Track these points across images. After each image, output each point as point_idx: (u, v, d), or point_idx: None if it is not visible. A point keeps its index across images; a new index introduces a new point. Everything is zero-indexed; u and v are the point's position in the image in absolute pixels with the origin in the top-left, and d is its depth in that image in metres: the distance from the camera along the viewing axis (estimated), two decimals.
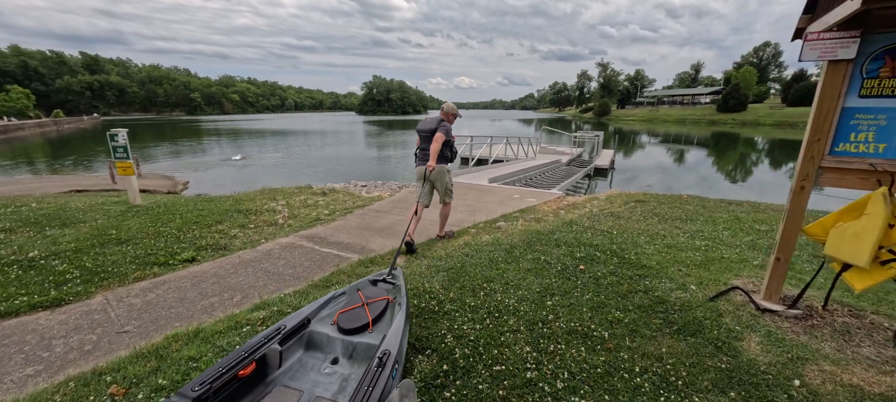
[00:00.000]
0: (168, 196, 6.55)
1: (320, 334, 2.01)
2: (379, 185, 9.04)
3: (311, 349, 2.00)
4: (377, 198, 6.93)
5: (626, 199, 6.65)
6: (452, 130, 4.25)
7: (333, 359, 1.95)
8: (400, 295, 2.29)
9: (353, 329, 2.00)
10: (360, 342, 1.95)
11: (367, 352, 1.92)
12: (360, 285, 2.43)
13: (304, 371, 1.87)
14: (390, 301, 2.25)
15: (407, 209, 5.96)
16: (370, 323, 2.04)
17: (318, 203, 6.32)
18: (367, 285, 2.41)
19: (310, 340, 2.01)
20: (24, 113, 64.04)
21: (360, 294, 2.27)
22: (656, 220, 5.09)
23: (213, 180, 14.71)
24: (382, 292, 2.33)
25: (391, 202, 6.44)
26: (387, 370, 1.56)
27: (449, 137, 4.17)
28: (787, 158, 22.32)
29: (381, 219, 5.36)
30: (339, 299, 2.29)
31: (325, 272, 3.56)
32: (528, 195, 7.24)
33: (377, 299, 2.22)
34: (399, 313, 2.04)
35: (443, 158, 4.24)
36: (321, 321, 2.09)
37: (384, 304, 2.20)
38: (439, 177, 4.25)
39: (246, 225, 5.01)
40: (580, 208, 6.30)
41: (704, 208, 5.80)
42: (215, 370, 1.53)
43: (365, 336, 1.98)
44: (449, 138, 4.18)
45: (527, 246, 3.98)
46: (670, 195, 7.06)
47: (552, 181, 11.34)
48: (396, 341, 1.77)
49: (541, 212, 5.91)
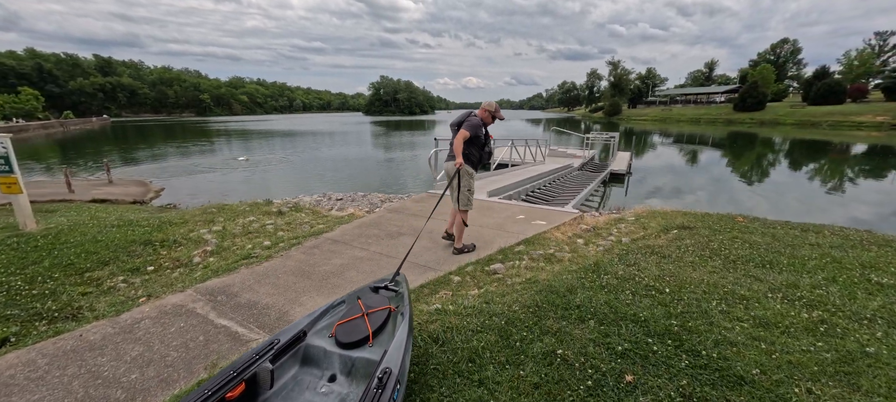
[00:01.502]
0: (75, 219, 5.20)
1: (317, 348, 1.88)
2: (359, 197, 7.63)
3: (306, 365, 1.86)
4: (346, 219, 5.52)
5: (664, 222, 5.13)
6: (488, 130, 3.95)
7: (331, 376, 1.81)
8: (403, 304, 2.15)
9: (352, 343, 1.85)
10: (359, 357, 1.81)
11: (366, 369, 1.78)
12: (361, 292, 2.28)
13: (298, 391, 1.74)
14: (393, 311, 2.10)
15: (376, 239, 4.53)
16: (370, 336, 1.89)
17: (265, 228, 4.93)
18: (367, 293, 2.26)
19: (305, 355, 1.88)
20: (33, 115, 64.46)
21: (361, 303, 2.12)
22: (720, 262, 3.57)
23: (193, 187, 13.44)
24: (384, 300, 2.17)
25: (360, 227, 5.01)
26: (387, 392, 1.45)
27: (476, 134, 3.83)
28: (815, 158, 20.40)
29: (332, 257, 3.93)
30: (338, 308, 2.16)
31: (192, 378, 2.15)
32: (535, 215, 5.75)
33: (378, 309, 2.07)
34: (402, 324, 1.90)
35: (467, 159, 3.88)
36: (318, 334, 1.96)
37: (386, 314, 2.05)
38: (460, 177, 3.91)
39: (142, 268, 3.63)
40: (604, 235, 4.80)
41: (775, 239, 4.26)
42: (200, 393, 1.42)
43: (365, 351, 1.83)
44: (476, 135, 3.83)
45: (533, 320, 2.51)
46: (719, 216, 5.51)
47: (564, 192, 9.82)
48: (398, 357, 1.64)
49: (552, 243, 4.43)
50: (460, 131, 3.79)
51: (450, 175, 4.04)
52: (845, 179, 15.52)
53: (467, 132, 3.78)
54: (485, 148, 4.04)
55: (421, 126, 63.32)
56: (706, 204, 11.14)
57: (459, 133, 3.79)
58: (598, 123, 68.11)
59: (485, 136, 4.02)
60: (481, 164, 4.14)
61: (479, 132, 3.89)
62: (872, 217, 9.71)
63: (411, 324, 2.01)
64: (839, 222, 8.79)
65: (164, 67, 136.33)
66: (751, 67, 77.11)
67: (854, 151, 24.73)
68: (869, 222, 9.22)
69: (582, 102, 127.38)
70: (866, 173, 16.74)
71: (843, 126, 44.66)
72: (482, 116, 3.97)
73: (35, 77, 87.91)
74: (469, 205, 4.08)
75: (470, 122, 3.84)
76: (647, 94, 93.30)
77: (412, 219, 5.38)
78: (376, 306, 2.09)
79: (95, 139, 36.08)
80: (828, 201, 11.33)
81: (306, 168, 17.13)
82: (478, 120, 3.91)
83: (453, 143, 3.83)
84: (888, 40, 64.19)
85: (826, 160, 20.82)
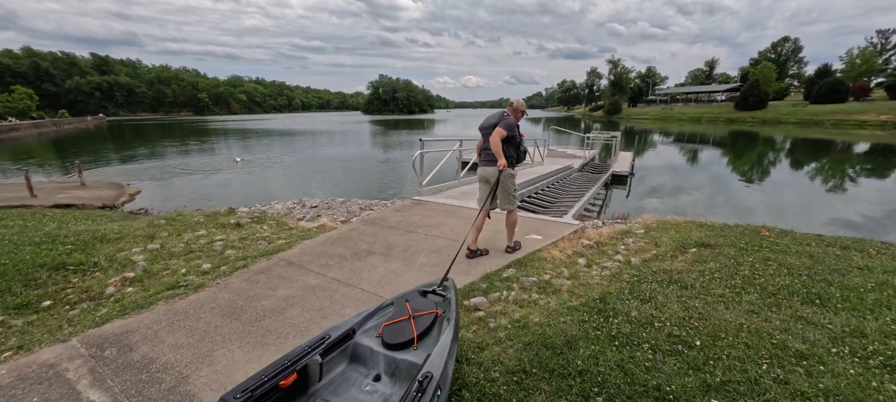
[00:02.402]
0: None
1: (364, 347, 1.93)
2: (337, 204, 6.90)
3: (354, 363, 1.91)
4: (313, 232, 4.80)
5: (677, 236, 4.41)
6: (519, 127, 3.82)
7: (376, 375, 1.84)
8: (450, 309, 2.11)
9: (398, 345, 1.88)
10: (403, 359, 1.82)
11: (409, 371, 1.79)
12: (409, 295, 2.29)
13: (345, 386, 1.79)
14: (439, 316, 2.09)
15: (338, 261, 3.81)
16: (415, 339, 1.90)
17: (212, 246, 4.21)
18: (415, 297, 2.26)
19: (354, 352, 1.94)
20: (27, 113, 63.77)
21: (408, 306, 2.14)
22: (756, 295, 2.86)
23: (173, 190, 12.70)
24: (431, 304, 2.16)
25: (324, 243, 4.30)
26: (427, 397, 1.42)
27: (512, 133, 3.73)
28: (822, 158, 19.67)
29: (279, 286, 3.20)
30: (387, 310, 2.18)
31: None
32: (529, 227, 5.03)
33: (425, 313, 2.07)
34: (447, 329, 1.88)
35: (506, 159, 3.74)
36: (366, 333, 2.01)
37: (432, 318, 2.04)
38: (502, 180, 3.81)
39: (34, 303, 2.91)
40: (610, 252, 4.09)
41: (815, 261, 3.55)
42: (257, 378, 1.52)
43: (409, 354, 1.85)
44: (512, 135, 3.74)
45: (516, 397, 1.81)
46: (741, 228, 4.80)
47: (564, 197, 9.10)
48: (440, 363, 1.62)
49: (548, 264, 3.72)
50: (497, 130, 3.62)
51: (489, 179, 3.93)
52: (857, 180, 14.81)
53: (505, 131, 3.63)
54: (520, 147, 3.93)
55: (420, 125, 62.56)
56: (714, 207, 10.43)
57: (496, 132, 3.62)
58: (598, 122, 67.34)
59: (519, 135, 3.89)
60: (518, 162, 3.99)
61: (515, 131, 3.77)
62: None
63: (457, 330, 2.03)
64: (864, 230, 8.14)
65: (162, 66, 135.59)
66: (752, 65, 76.43)
67: (861, 150, 24.01)
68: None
69: (582, 101, 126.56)
70: (879, 174, 16.02)
71: (846, 125, 44.01)
72: (513, 114, 3.85)
73: (31, 76, 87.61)
74: (514, 204, 4.03)
75: (506, 121, 3.70)
76: (648, 92, 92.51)
77: (388, 232, 4.67)
78: (423, 309, 2.10)
79: (87, 139, 35.30)
80: (844, 204, 10.63)
81: (296, 169, 16.36)
82: (513, 119, 3.78)
83: (490, 144, 3.69)
84: (890, 38, 63.59)
85: (834, 160, 20.09)
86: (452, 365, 1.83)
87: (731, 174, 16.63)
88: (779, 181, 14.60)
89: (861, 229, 8.34)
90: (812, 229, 8.26)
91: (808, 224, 8.49)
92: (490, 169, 3.92)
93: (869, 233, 7.88)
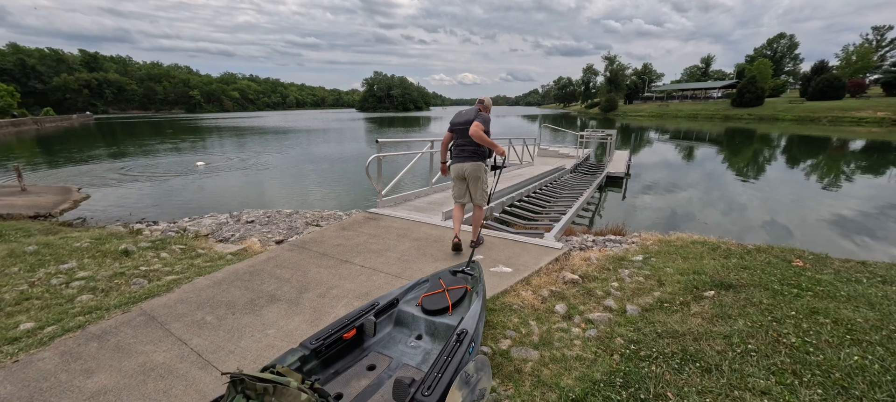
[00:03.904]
0: None
1: (406, 313, 2.25)
2: (282, 216, 5.83)
3: (398, 325, 2.24)
4: (226, 260, 3.76)
5: (686, 267, 3.40)
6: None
7: (418, 335, 2.16)
8: (478, 285, 2.43)
9: (436, 311, 2.21)
10: (441, 322, 2.14)
11: (446, 331, 2.10)
12: (442, 274, 2.63)
13: (393, 343, 2.12)
14: (468, 290, 2.41)
15: (224, 313, 2.76)
16: (450, 306, 2.23)
17: (69, 286, 3.15)
18: (447, 275, 2.61)
19: (398, 317, 2.25)
20: (8, 111, 62.00)
21: (442, 282, 2.46)
22: (818, 389, 1.86)
23: (125, 195, 11.53)
24: (462, 281, 2.51)
25: (221, 282, 3.25)
26: (464, 346, 1.73)
27: (488, 128, 3.70)
28: (821, 155, 18.75)
29: (103, 367, 2.14)
30: (423, 285, 2.50)
31: None
32: (499, 252, 4.00)
33: (457, 287, 2.40)
34: (476, 300, 2.19)
35: (481, 156, 3.86)
36: (408, 303, 2.32)
37: (463, 291, 2.38)
38: (476, 175, 3.86)
39: None
40: (598, 293, 3.08)
41: (876, 312, 2.55)
42: (327, 330, 1.88)
43: (445, 318, 2.17)
44: (487, 130, 3.70)
45: None
46: (765, 254, 3.79)
47: (552, 205, 8.08)
48: (473, 323, 1.92)
49: (514, 316, 2.69)
50: (476, 124, 3.60)
51: (465, 175, 3.91)
52: (862, 179, 13.89)
53: (483, 124, 3.63)
54: None
55: (415, 123, 61.37)
56: (718, 213, 9.45)
57: (476, 125, 3.59)
58: (594, 119, 66.40)
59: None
60: (490, 157, 3.98)
61: (489, 127, 3.77)
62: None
63: (484, 301, 2.35)
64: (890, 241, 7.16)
65: (153, 63, 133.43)
66: (748, 62, 75.82)
67: (859, 147, 23.19)
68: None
69: (578, 98, 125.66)
70: (881, 172, 15.13)
71: (843, 122, 43.48)
72: (484, 110, 3.86)
73: (18, 73, 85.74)
74: (486, 200, 4.00)
75: (482, 116, 3.72)
76: (644, 89, 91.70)
77: (314, 263, 3.63)
78: (455, 285, 2.44)
79: (66, 137, 33.87)
80: (858, 208, 9.67)
81: (262, 174, 15.07)
82: (487, 115, 3.80)
83: (467, 139, 3.74)
84: (886, 35, 63.26)
85: (834, 158, 19.19)
86: (483, 327, 2.21)
87: (732, 174, 15.67)
88: (783, 181, 13.65)
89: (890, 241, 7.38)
90: (835, 241, 7.32)
91: (829, 237, 7.52)
92: (467, 165, 3.87)
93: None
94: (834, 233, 7.88)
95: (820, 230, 8.04)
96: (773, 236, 7.62)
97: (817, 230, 8.04)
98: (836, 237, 7.57)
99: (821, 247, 6.66)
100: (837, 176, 15.14)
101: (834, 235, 7.77)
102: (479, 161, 3.85)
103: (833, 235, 7.77)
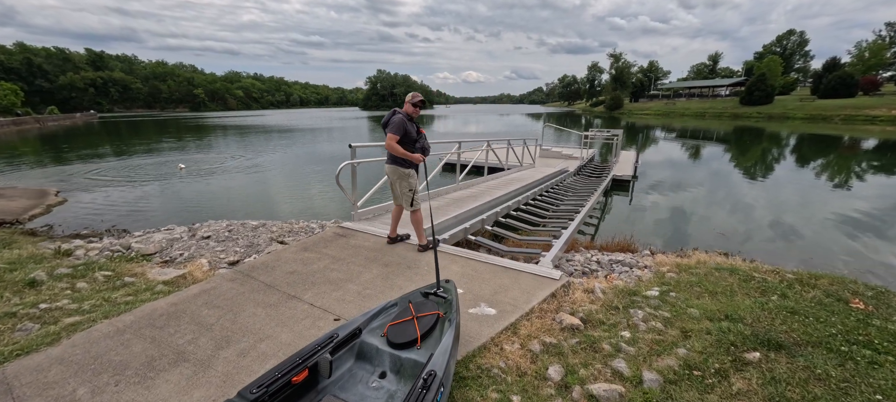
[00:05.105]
0: None
1: (370, 345, 1.99)
2: (246, 230, 5.16)
3: (361, 360, 1.98)
4: (153, 293, 3.10)
5: (716, 308, 2.69)
6: (407, 125, 3.62)
7: (381, 373, 1.92)
8: (451, 311, 2.22)
9: (402, 344, 1.96)
10: (407, 357, 1.90)
11: (413, 369, 1.87)
12: (412, 296, 2.39)
13: (353, 382, 1.87)
14: (440, 317, 2.18)
15: (123, 379, 2.10)
16: (418, 339, 1.98)
17: None
18: (418, 297, 2.37)
19: (360, 350, 2.00)
20: (11, 110, 62.16)
21: (411, 307, 2.20)
22: None
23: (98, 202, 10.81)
24: (433, 305, 2.26)
25: (115, 335, 2.57)
26: (431, 394, 1.54)
27: (401, 133, 3.58)
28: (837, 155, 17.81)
29: None
30: (391, 310, 2.26)
31: None
32: (483, 286, 3.30)
33: (427, 314, 2.15)
34: (449, 330, 1.99)
35: (398, 160, 3.74)
36: (372, 332, 2.07)
37: (434, 319, 2.12)
38: (397, 180, 3.83)
39: None
40: (605, 349, 2.37)
41: None
42: (271, 374, 1.61)
43: (412, 352, 1.93)
44: (405, 132, 3.59)
45: None
46: (812, 287, 3.07)
47: (552, 215, 7.36)
48: (443, 361, 1.72)
49: (499, 386, 2.01)
50: (388, 136, 3.60)
51: (390, 178, 3.91)
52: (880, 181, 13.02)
53: (396, 135, 3.58)
54: (416, 144, 3.76)
55: (419, 121, 60.54)
56: (737, 222, 8.67)
57: (388, 138, 3.60)
58: (599, 117, 65.35)
59: (416, 131, 3.76)
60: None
61: (407, 129, 3.63)
62: None
63: (458, 331, 2.10)
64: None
65: (159, 62, 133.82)
66: (756, 59, 74.35)
67: (877, 146, 22.17)
68: None
69: (583, 96, 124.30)
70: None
71: (857, 120, 42.30)
72: (407, 110, 3.73)
73: (24, 72, 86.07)
74: (418, 204, 3.90)
75: (393, 122, 3.63)
76: (650, 87, 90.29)
77: (254, 300, 2.94)
78: (426, 311, 2.17)
79: (65, 136, 33.51)
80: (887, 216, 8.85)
81: (247, 177, 14.30)
82: (400, 117, 3.65)
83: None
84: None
85: (852, 156, 18.25)
86: (454, 365, 1.98)
87: (745, 176, 14.82)
88: (800, 183, 12.80)
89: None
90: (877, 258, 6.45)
91: (867, 253, 6.70)
92: (388, 167, 3.85)
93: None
94: (869, 245, 7.08)
95: (854, 243, 7.23)
96: (802, 250, 6.83)
97: (851, 243, 7.24)
98: (875, 252, 6.77)
99: (865, 266, 5.92)
100: (859, 177, 14.26)
101: (870, 247, 6.97)
102: (398, 165, 3.76)
103: (869, 247, 6.97)
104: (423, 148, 3.80)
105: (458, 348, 2.14)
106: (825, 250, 6.85)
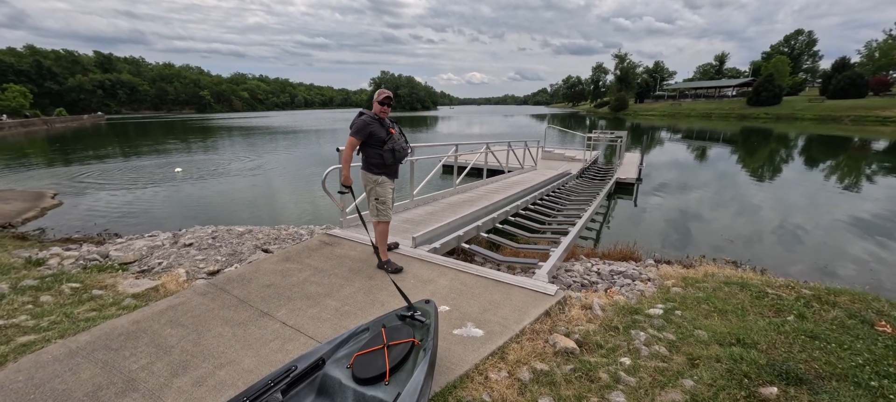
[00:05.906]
0: None
1: (333, 379, 1.75)
2: (232, 237, 4.97)
3: (321, 396, 1.74)
4: (133, 302, 2.90)
5: (727, 331, 2.43)
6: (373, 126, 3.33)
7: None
8: (427, 337, 1.98)
9: (368, 379, 1.71)
10: (373, 396, 1.65)
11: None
12: (387, 319, 2.17)
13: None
14: (415, 345, 1.92)
15: None
16: (387, 373, 1.73)
17: None
18: (393, 321, 2.15)
19: (321, 385, 1.76)
20: (20, 112, 62.89)
21: (383, 333, 1.96)
22: None
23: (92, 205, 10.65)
24: (408, 331, 2.00)
25: (64, 358, 2.36)
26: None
27: (363, 135, 3.31)
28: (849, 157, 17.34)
29: None
30: (361, 336, 2.03)
31: None
32: (471, 304, 3.06)
33: (400, 342, 1.89)
34: (423, 361, 1.75)
35: (367, 164, 3.46)
36: (337, 363, 1.84)
37: (408, 347, 1.87)
38: (371, 187, 3.51)
39: None
40: (603, 378, 2.12)
41: None
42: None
43: (379, 389, 1.68)
44: (369, 135, 3.31)
45: None
46: (832, 304, 2.81)
47: (552, 220, 7.11)
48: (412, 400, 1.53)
49: None
50: (348, 141, 3.32)
51: (364, 186, 3.61)
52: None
53: (355, 140, 3.31)
54: (386, 146, 3.37)
55: (422, 123, 60.52)
56: (743, 224, 8.34)
57: (347, 144, 3.31)
58: (603, 118, 64.83)
59: (387, 132, 3.38)
60: (388, 166, 3.48)
61: (372, 130, 3.31)
62: None
63: (433, 361, 1.88)
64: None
65: (166, 64, 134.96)
66: (764, 59, 73.44)
67: (889, 147, 21.62)
68: None
69: (587, 97, 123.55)
70: None
71: (867, 121, 41.53)
72: (375, 110, 3.42)
73: (34, 74, 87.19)
74: (386, 216, 3.56)
75: (355, 124, 3.33)
76: (655, 88, 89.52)
77: (223, 318, 2.73)
78: (399, 338, 1.93)
79: (72, 138, 33.72)
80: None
81: (243, 181, 14.09)
82: (364, 118, 3.33)
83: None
84: None
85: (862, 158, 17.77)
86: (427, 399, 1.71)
87: (753, 178, 14.45)
88: (810, 185, 12.42)
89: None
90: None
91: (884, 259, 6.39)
92: (364, 174, 3.56)
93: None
94: (884, 252, 6.75)
95: (867, 250, 6.91)
96: (815, 257, 6.52)
97: (864, 250, 6.91)
98: (892, 261, 6.45)
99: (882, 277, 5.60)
100: (870, 179, 13.84)
101: (884, 254, 6.64)
102: (367, 171, 3.48)
103: (883, 254, 6.64)
104: (394, 150, 3.41)
105: (432, 380, 1.90)
106: (838, 258, 6.53)
